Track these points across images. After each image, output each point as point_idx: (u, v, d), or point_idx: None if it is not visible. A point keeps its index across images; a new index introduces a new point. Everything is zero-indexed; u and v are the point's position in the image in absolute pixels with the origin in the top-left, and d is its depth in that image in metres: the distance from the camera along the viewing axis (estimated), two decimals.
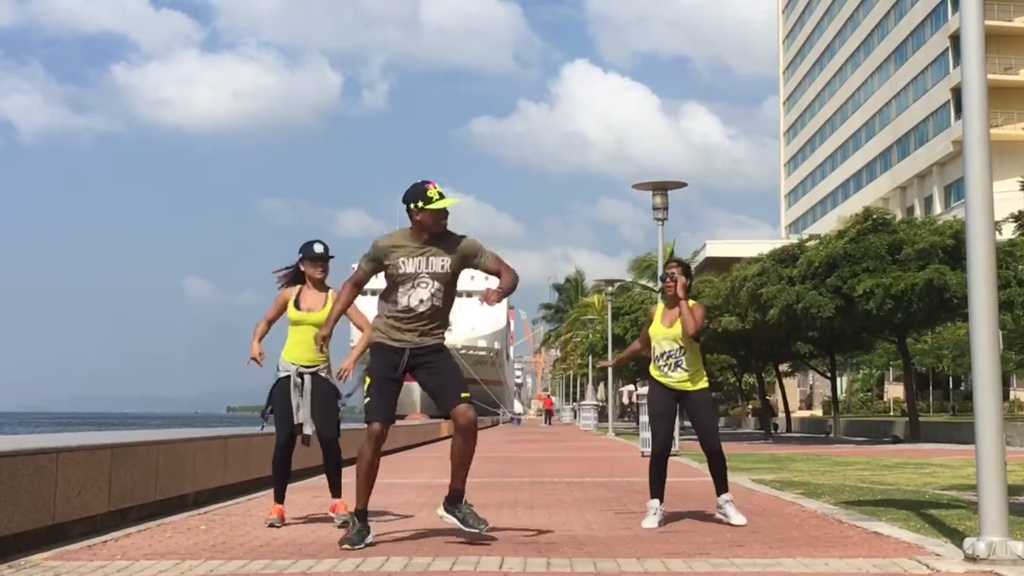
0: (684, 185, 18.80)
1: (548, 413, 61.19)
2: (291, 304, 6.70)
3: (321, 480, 11.18)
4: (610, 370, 38.66)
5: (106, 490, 6.83)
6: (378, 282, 5.77)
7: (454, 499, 5.67)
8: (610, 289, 36.81)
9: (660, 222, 18.84)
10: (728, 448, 9.90)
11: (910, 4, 65.34)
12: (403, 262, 5.54)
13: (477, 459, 6.53)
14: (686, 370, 6.60)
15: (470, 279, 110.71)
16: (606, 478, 11.38)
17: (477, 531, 5.56)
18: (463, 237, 5.68)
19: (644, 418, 17.06)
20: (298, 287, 6.77)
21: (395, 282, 5.59)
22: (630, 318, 41.21)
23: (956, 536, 5.72)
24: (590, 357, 52.32)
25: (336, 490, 6.93)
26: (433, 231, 5.56)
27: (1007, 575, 4.45)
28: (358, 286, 5.79)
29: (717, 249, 60.67)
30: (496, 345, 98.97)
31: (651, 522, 6.46)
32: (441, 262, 5.57)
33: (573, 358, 72.45)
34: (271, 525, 6.54)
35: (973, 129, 5.08)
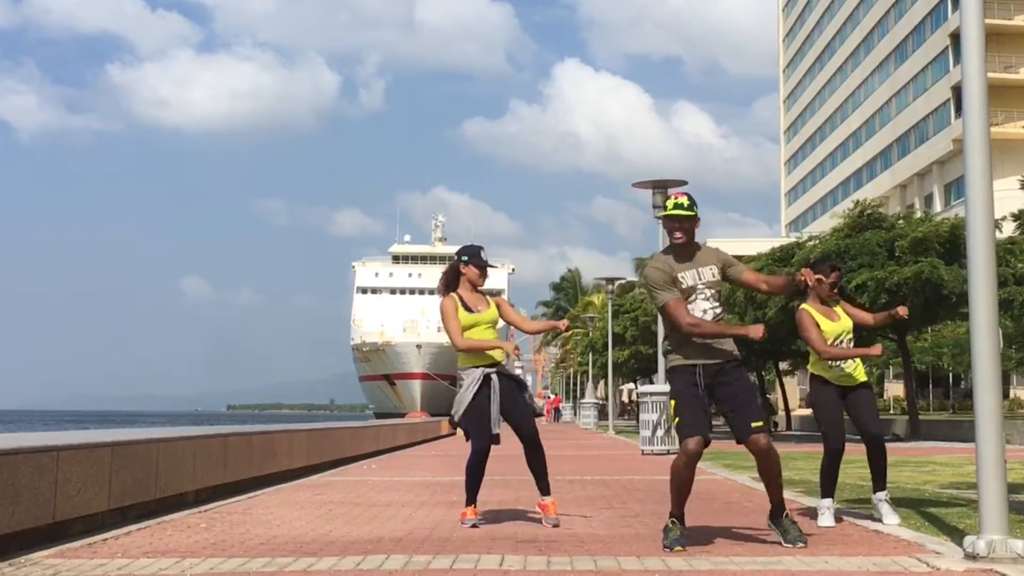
0: (684, 183, 18.77)
1: (557, 411, 65.23)
2: (461, 309, 6.52)
3: (322, 478, 11.23)
4: (610, 369, 38.67)
5: (106, 488, 6.84)
6: (374, 281, 5.74)
7: (776, 512, 5.59)
8: (611, 287, 36.80)
9: (660, 221, 18.82)
10: (729, 446, 9.96)
11: (910, 3, 65.32)
12: (682, 277, 5.58)
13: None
14: (854, 361, 6.55)
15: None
16: (606, 476, 11.38)
17: (796, 547, 5.35)
18: (716, 249, 5.77)
19: (644, 416, 17.04)
20: (454, 294, 6.60)
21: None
22: (630, 317, 41.21)
23: (956, 534, 5.72)
24: (590, 356, 52.33)
25: (547, 487, 6.65)
26: (673, 238, 5.62)
27: (1007, 573, 4.44)
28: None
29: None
30: None
31: (830, 519, 6.38)
32: (711, 271, 5.63)
33: (573, 356, 72.53)
34: (473, 526, 6.37)
35: (973, 127, 5.07)
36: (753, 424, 5.44)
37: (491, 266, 6.79)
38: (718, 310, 5.64)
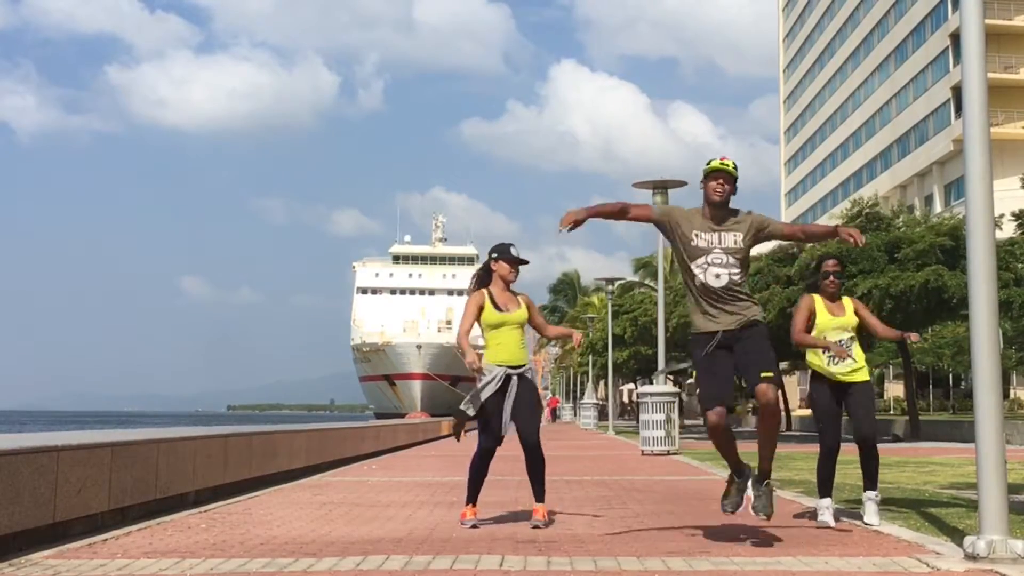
0: (684, 184, 18.75)
1: (555, 411, 66.18)
2: (489, 307, 6.47)
3: (322, 478, 11.22)
4: (610, 370, 38.67)
5: (106, 488, 6.83)
6: (375, 281, 5.72)
7: (760, 478, 5.69)
8: (611, 288, 36.79)
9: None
10: None
11: (910, 3, 65.31)
12: (696, 235, 5.58)
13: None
14: (855, 359, 6.50)
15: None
16: (606, 476, 11.38)
17: (758, 517, 5.54)
18: (749, 212, 5.74)
19: (644, 416, 17.03)
20: (484, 290, 6.56)
21: (687, 257, 5.60)
22: (628, 317, 41.19)
23: (956, 535, 5.72)
24: (590, 356, 52.30)
25: (541, 495, 6.56)
26: (711, 198, 5.61)
27: (1007, 574, 4.44)
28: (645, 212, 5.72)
29: None
30: None
31: (829, 518, 6.40)
32: (734, 238, 5.60)
33: (573, 356, 72.59)
34: (473, 526, 6.34)
35: (973, 128, 5.08)
36: (763, 373, 5.43)
37: (523, 261, 6.68)
38: (736, 276, 5.58)
